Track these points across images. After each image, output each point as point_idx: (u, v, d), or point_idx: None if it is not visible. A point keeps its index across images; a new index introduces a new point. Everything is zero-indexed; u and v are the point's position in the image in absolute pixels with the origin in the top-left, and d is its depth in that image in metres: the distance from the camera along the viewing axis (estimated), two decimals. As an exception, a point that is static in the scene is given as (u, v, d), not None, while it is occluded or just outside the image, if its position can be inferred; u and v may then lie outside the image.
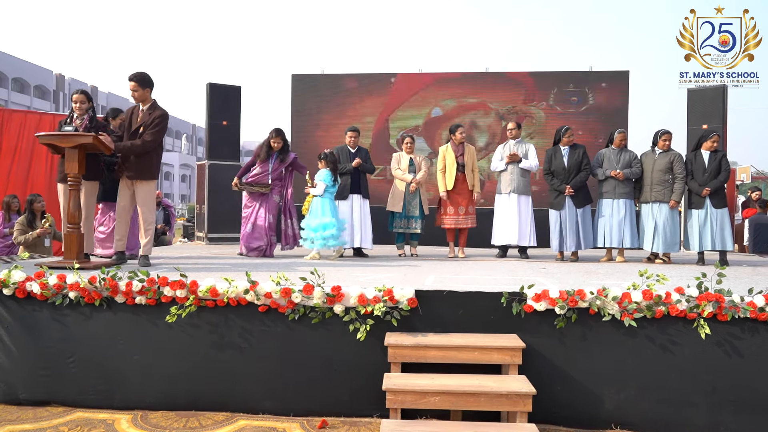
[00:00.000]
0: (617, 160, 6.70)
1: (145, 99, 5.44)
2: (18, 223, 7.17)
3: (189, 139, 67.26)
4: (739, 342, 3.91)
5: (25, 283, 4.23)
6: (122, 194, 5.50)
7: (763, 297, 3.88)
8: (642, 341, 3.96)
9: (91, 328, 4.22)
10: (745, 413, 3.88)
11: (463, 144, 7.13)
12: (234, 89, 9.35)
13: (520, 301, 4.03)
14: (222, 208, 8.92)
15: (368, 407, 4.00)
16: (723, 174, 6.35)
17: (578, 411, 3.96)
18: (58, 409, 4.14)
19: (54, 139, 5.05)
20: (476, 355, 3.83)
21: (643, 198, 6.63)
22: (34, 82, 44.59)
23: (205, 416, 4.02)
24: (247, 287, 4.04)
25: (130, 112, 5.54)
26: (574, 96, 9.72)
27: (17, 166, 9.32)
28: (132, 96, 5.43)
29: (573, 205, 6.71)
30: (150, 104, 5.46)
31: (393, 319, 3.96)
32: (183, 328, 4.14)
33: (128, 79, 5.39)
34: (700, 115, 8.67)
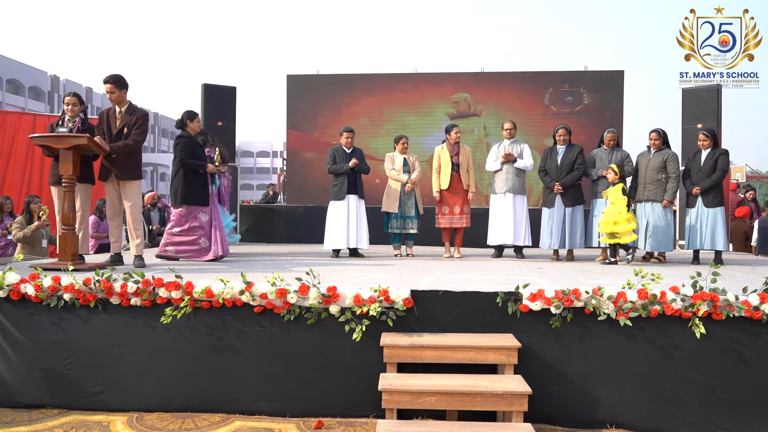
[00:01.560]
0: (609, 160, 6.72)
1: (121, 101, 5.46)
2: (16, 222, 7.22)
3: (184, 139, 67.05)
4: (731, 341, 3.93)
5: (19, 284, 4.22)
6: (110, 196, 5.55)
7: (758, 296, 3.90)
8: (637, 340, 3.97)
9: (86, 330, 4.21)
10: (737, 412, 3.90)
11: (459, 144, 7.14)
12: (229, 90, 9.34)
13: (516, 301, 4.03)
14: (218, 209, 8.89)
15: (364, 408, 4.00)
16: (717, 173, 6.35)
17: (574, 410, 3.97)
18: (53, 411, 4.13)
19: (48, 141, 5.04)
20: (472, 355, 3.83)
21: (637, 197, 6.65)
22: (29, 83, 44.48)
23: (200, 417, 4.02)
24: (243, 288, 4.04)
25: (106, 114, 5.53)
26: (569, 96, 9.74)
27: (12, 168, 9.30)
28: (109, 98, 5.45)
29: (562, 203, 6.76)
30: (127, 105, 5.49)
31: (389, 320, 3.97)
32: (178, 329, 4.14)
33: (104, 81, 5.41)
34: (695, 115, 8.70)
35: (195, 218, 6.02)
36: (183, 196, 5.98)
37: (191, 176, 6.01)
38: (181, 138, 6.08)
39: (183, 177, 5.98)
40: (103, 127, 5.47)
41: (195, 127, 6.21)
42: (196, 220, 6.03)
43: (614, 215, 6.11)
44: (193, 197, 6.01)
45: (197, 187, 6.02)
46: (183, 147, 5.98)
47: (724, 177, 6.42)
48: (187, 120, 6.20)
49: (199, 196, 6.03)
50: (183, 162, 5.93)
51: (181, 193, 5.97)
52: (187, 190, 5.98)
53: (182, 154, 5.94)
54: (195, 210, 6.04)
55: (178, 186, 5.97)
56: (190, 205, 6.01)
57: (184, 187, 5.97)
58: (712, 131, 6.59)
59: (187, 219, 6.01)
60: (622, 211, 6.08)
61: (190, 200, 6.00)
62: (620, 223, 6.08)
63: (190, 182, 5.99)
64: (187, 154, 5.99)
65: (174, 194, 6.04)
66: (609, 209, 6.20)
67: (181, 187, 5.97)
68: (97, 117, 5.75)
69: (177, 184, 5.99)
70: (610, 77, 9.76)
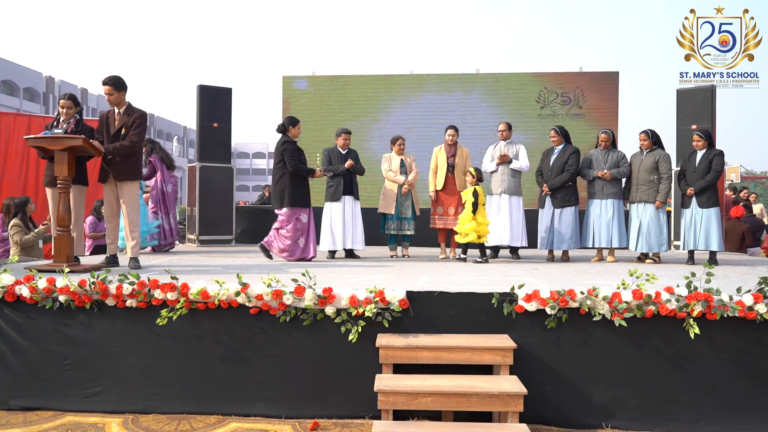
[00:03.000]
0: (605, 161, 6.75)
1: (120, 102, 5.44)
2: (16, 225, 7.14)
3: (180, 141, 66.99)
4: (721, 340, 3.96)
5: (14, 286, 4.21)
6: (108, 198, 5.51)
7: (752, 296, 3.91)
8: (632, 341, 3.98)
9: (81, 332, 4.20)
10: (733, 412, 3.93)
11: (456, 145, 7.15)
12: (225, 91, 9.33)
13: (511, 302, 4.04)
14: (213, 210, 8.90)
15: (360, 409, 4.00)
16: (711, 174, 6.36)
17: (569, 411, 3.98)
18: (48, 414, 4.11)
19: (43, 142, 5.03)
20: (468, 355, 3.84)
21: (631, 198, 6.70)
22: (24, 84, 44.27)
23: (196, 419, 4.01)
24: (238, 289, 4.04)
25: (105, 116, 5.51)
26: (563, 97, 9.76)
27: (9, 170, 9.28)
28: (108, 100, 5.42)
29: (551, 205, 6.80)
30: (126, 106, 5.46)
31: (384, 321, 3.97)
32: (174, 330, 4.13)
33: (102, 83, 5.39)
34: (690, 116, 8.71)
35: (297, 219, 6.47)
36: (290, 199, 6.38)
37: (297, 180, 6.42)
38: (287, 144, 6.45)
39: (289, 180, 6.37)
40: (103, 128, 5.45)
41: (296, 132, 6.59)
42: (298, 221, 6.46)
43: (469, 216, 6.44)
44: (299, 200, 6.45)
45: (302, 190, 6.47)
46: (291, 153, 6.37)
47: (718, 178, 6.43)
48: (289, 126, 6.57)
49: (303, 198, 6.50)
50: (295, 167, 6.33)
51: (288, 196, 6.37)
52: (293, 193, 6.39)
53: (292, 159, 6.32)
54: (298, 211, 6.47)
55: (284, 189, 6.38)
56: (295, 207, 6.43)
57: (290, 190, 6.38)
58: (706, 132, 6.59)
59: (290, 220, 6.42)
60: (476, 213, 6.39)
61: (296, 202, 6.42)
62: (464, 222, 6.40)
63: (296, 185, 6.40)
64: (296, 160, 6.38)
65: (280, 196, 6.42)
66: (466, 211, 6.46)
67: (288, 190, 6.36)
68: (96, 119, 5.75)
69: (282, 186, 6.39)
70: (606, 78, 9.79)
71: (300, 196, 6.49)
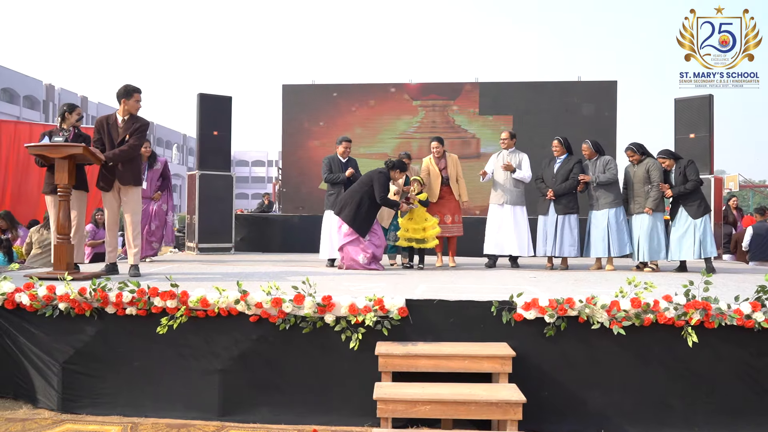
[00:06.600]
0: (593, 171, 6.81)
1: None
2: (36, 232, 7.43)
3: (180, 149, 67.09)
4: (719, 348, 3.98)
5: (14, 294, 4.22)
6: (109, 206, 5.48)
7: (750, 304, 3.93)
8: (631, 349, 3.99)
9: (81, 339, 4.21)
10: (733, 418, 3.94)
11: (444, 156, 7.11)
12: (225, 99, 9.36)
13: (510, 310, 4.06)
14: (213, 218, 8.90)
15: (360, 416, 4.00)
16: (689, 183, 6.48)
17: (567, 418, 3.99)
18: (47, 421, 4.11)
19: (44, 150, 5.04)
20: (466, 363, 3.84)
21: (629, 211, 6.77)
22: (24, 92, 44.36)
23: (196, 426, 4.01)
24: (238, 297, 4.05)
25: (105, 122, 5.42)
26: (563, 106, 9.79)
27: (12, 178, 9.32)
28: (138, 107, 5.45)
29: (554, 211, 6.83)
30: (129, 115, 5.45)
31: (384, 329, 3.98)
32: (174, 338, 4.13)
33: (135, 90, 5.42)
34: (687, 125, 8.76)
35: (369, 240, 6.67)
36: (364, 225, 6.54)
37: (374, 208, 6.58)
38: (382, 175, 6.59)
39: (368, 207, 6.51)
40: (104, 136, 5.39)
41: (396, 176, 6.75)
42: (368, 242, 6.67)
43: (421, 221, 6.62)
44: (369, 225, 6.58)
45: (373, 217, 6.66)
46: (383, 185, 6.54)
47: (695, 186, 6.48)
48: (397, 169, 6.69)
49: (371, 223, 6.64)
50: (382, 199, 6.51)
51: (366, 222, 6.54)
52: (367, 221, 6.55)
53: (383, 192, 6.51)
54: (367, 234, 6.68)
55: (364, 214, 6.51)
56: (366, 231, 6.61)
57: (367, 217, 6.54)
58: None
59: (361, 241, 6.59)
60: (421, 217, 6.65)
61: (365, 229, 6.55)
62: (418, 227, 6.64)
63: (372, 213, 6.59)
64: (387, 192, 6.61)
65: (360, 221, 6.50)
66: (417, 217, 6.66)
67: (365, 217, 6.52)
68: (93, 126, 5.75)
69: (363, 211, 6.50)
70: (604, 87, 9.83)
71: (370, 223, 6.64)
